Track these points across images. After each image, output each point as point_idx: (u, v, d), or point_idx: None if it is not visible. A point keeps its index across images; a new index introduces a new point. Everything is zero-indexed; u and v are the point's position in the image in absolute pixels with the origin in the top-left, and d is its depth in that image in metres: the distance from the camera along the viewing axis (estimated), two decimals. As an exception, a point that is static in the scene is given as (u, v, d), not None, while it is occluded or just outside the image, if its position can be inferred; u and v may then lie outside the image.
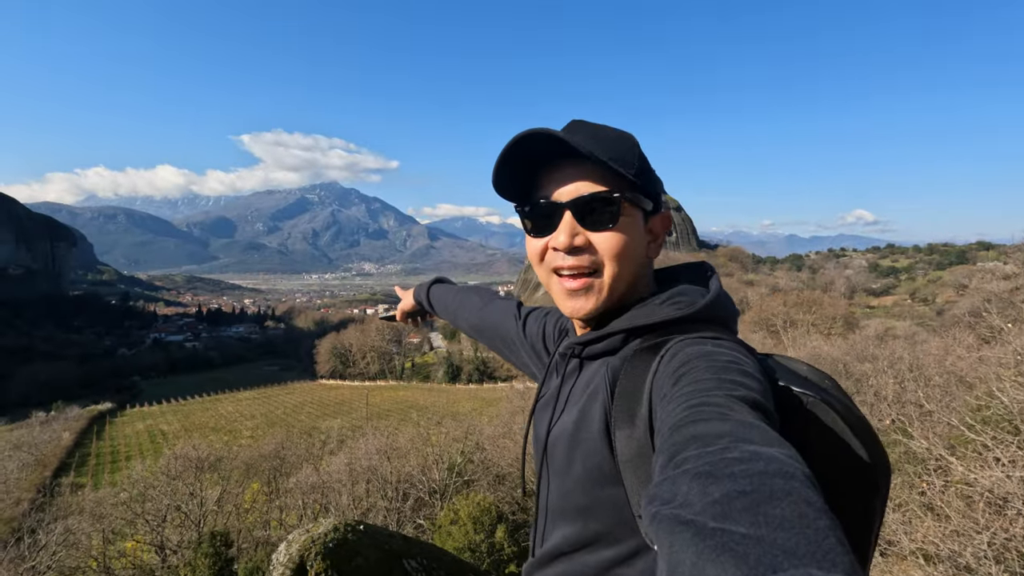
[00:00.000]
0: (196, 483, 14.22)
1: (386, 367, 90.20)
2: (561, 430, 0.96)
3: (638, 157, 0.94)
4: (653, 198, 0.96)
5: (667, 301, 0.93)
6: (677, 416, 0.63)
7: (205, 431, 50.18)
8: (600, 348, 0.96)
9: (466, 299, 1.65)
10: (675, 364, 0.77)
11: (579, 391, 0.98)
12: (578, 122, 0.96)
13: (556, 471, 0.97)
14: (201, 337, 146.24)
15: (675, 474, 0.52)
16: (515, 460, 15.44)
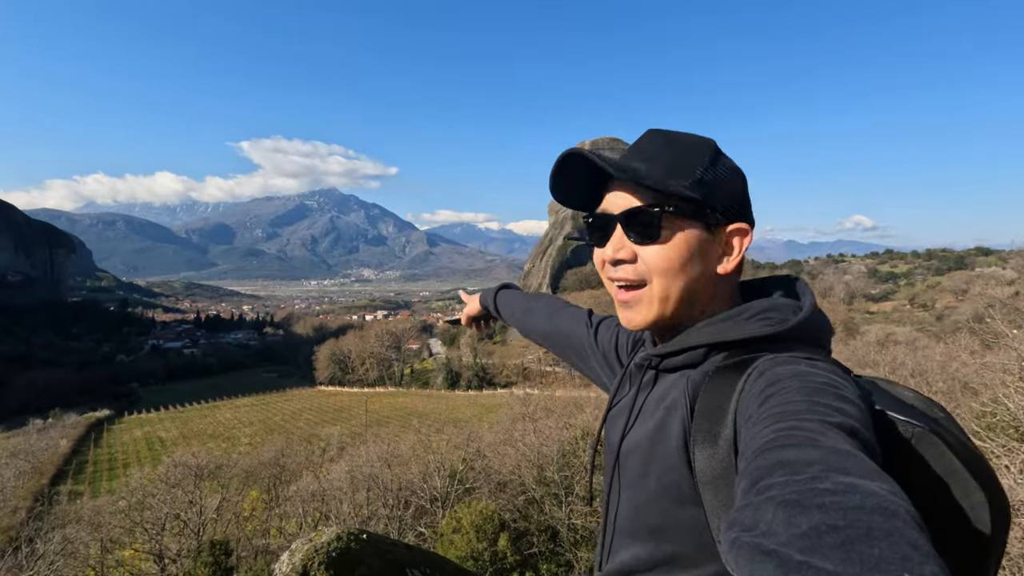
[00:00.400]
0: (195, 491, 14.13)
1: (385, 373, 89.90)
2: (635, 441, 0.93)
3: (702, 168, 0.89)
4: (721, 210, 0.90)
5: (756, 316, 0.87)
6: (763, 439, 0.60)
7: (203, 438, 50.01)
8: (679, 361, 0.92)
9: (535, 306, 1.63)
10: (763, 384, 0.73)
11: (654, 403, 0.94)
12: (651, 132, 0.95)
13: (628, 484, 0.93)
14: (199, 344, 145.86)
15: (758, 500, 0.49)
16: (515, 468, 15.35)
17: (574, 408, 20.63)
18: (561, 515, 12.74)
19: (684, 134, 0.94)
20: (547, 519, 12.90)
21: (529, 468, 14.48)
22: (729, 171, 0.92)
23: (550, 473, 13.71)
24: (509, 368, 78.56)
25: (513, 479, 14.57)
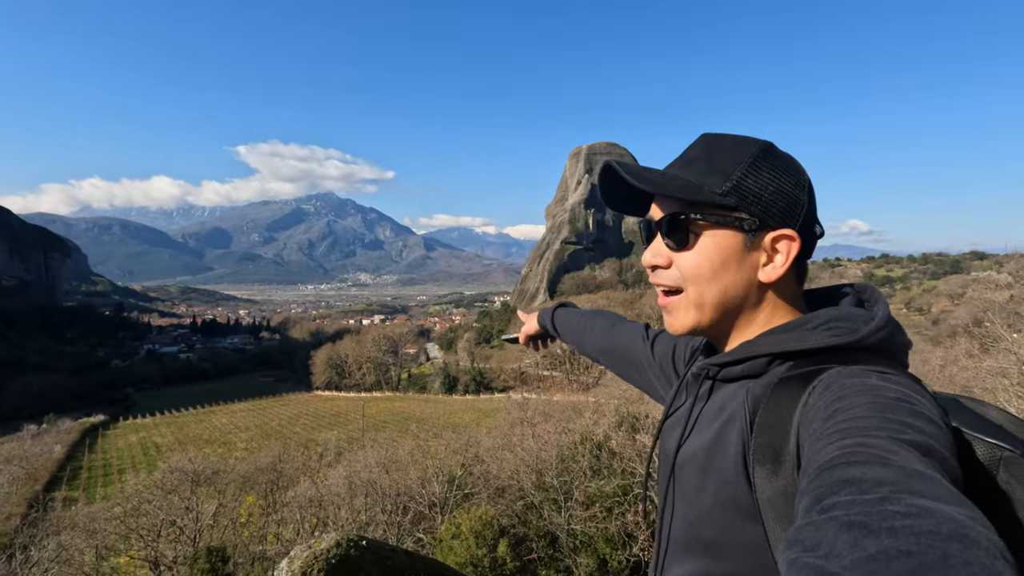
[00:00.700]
0: (192, 497, 14.04)
1: (382, 378, 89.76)
2: (691, 453, 0.90)
3: (741, 172, 0.86)
4: (758, 215, 0.85)
5: (822, 326, 0.82)
6: (828, 456, 0.56)
7: (199, 443, 49.69)
8: (738, 371, 0.88)
9: (592, 322, 1.61)
10: (830, 397, 0.68)
11: (712, 414, 0.90)
12: (702, 136, 0.94)
13: (683, 497, 0.89)
14: (195, 348, 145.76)
15: (821, 519, 0.46)
16: (514, 473, 15.30)
17: (573, 413, 20.60)
18: (560, 520, 12.68)
19: (731, 137, 0.91)
20: (546, 524, 12.85)
21: (528, 473, 14.42)
22: (776, 175, 0.86)
23: (549, 478, 13.65)
24: (506, 372, 78.53)
25: (512, 484, 14.51)
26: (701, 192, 0.86)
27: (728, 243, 0.87)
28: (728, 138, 0.91)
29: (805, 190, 0.87)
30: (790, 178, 0.87)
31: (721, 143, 0.90)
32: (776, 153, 0.89)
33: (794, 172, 0.87)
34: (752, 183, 0.85)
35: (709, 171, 0.87)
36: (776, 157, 0.88)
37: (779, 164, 0.87)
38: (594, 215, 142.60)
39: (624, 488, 13.17)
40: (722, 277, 0.88)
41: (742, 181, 0.85)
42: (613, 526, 12.19)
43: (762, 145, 0.89)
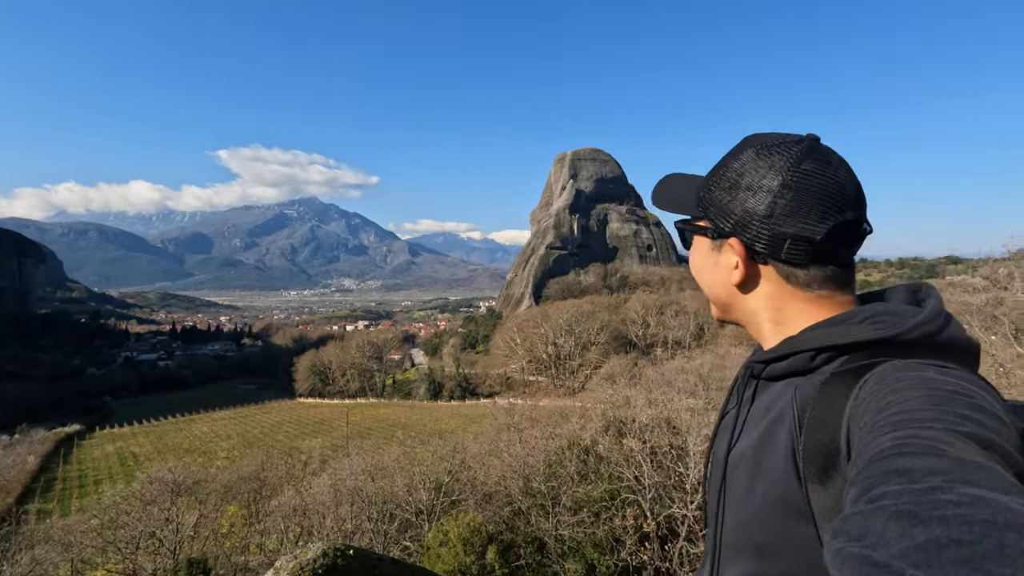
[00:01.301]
0: (172, 508, 13.73)
1: (366, 384, 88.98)
2: (740, 454, 0.90)
3: (712, 182, 0.95)
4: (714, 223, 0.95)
5: (868, 320, 0.81)
6: (879, 447, 0.55)
7: (178, 452, 48.87)
8: (783, 367, 0.88)
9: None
10: (883, 390, 0.67)
11: (760, 413, 0.91)
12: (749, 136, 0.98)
13: (733, 499, 0.90)
14: (175, 355, 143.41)
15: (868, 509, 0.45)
16: (501, 479, 15.24)
17: (559, 418, 20.60)
18: (548, 526, 12.64)
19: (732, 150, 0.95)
20: (534, 530, 12.79)
21: (515, 479, 14.37)
22: (729, 185, 0.92)
23: (536, 484, 13.61)
24: (492, 378, 78.26)
25: (499, 490, 14.44)
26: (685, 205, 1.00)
27: (702, 249, 1.00)
28: (731, 152, 0.95)
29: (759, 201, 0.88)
30: (740, 189, 0.90)
31: (726, 157, 0.96)
32: (738, 162, 0.92)
33: (748, 184, 0.89)
34: (710, 195, 0.94)
35: (701, 184, 0.98)
36: (736, 166, 0.92)
37: (735, 174, 0.91)
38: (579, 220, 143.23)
39: (611, 493, 13.17)
40: (705, 279, 1.01)
41: (707, 193, 0.95)
42: (601, 531, 12.18)
43: (730, 154, 0.94)
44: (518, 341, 76.68)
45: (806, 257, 0.87)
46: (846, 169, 0.87)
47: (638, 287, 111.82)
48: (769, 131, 0.95)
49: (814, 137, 0.91)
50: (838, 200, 0.85)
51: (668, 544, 12.67)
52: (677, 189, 1.06)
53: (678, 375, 25.64)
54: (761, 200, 0.88)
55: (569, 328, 71.89)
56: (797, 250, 0.86)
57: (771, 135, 0.93)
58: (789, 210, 0.86)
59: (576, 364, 70.50)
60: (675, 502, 12.63)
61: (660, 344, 72.09)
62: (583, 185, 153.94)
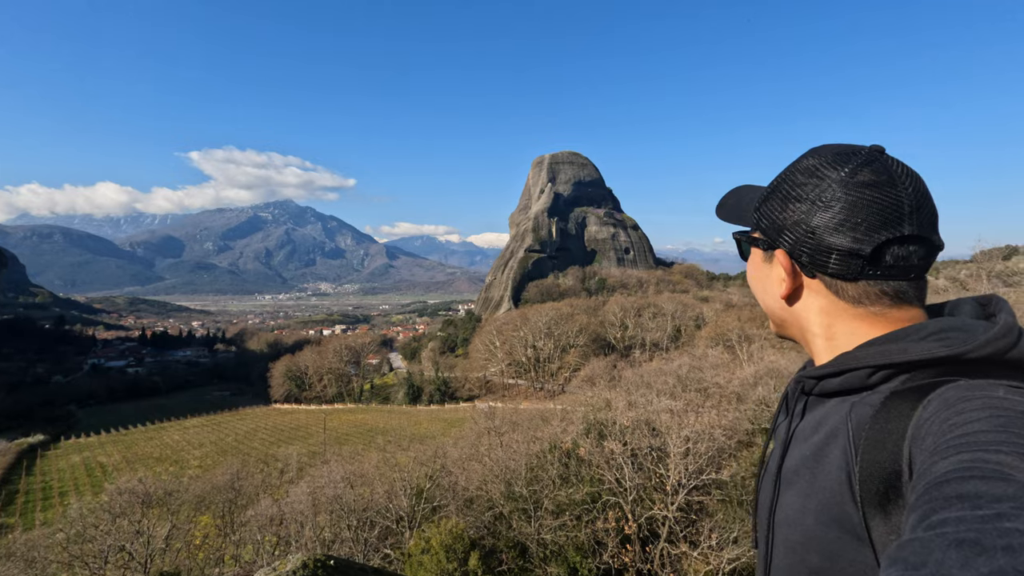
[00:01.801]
0: (142, 520, 13.33)
1: (344, 389, 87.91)
2: (793, 471, 0.87)
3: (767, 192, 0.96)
4: (767, 235, 0.94)
5: (932, 336, 0.77)
6: (941, 470, 0.53)
7: (149, 462, 47.63)
8: (836, 384, 0.84)
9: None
10: (947, 411, 0.64)
11: (809, 430, 0.87)
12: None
13: (784, 519, 0.86)
14: (145, 362, 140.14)
15: (927, 536, 0.43)
16: (482, 483, 15.14)
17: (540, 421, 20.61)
18: (530, 530, 12.61)
19: (794, 163, 0.94)
20: (516, 535, 12.74)
21: (496, 483, 14.31)
22: (781, 197, 0.92)
23: (518, 488, 13.57)
24: (471, 381, 78.00)
25: (480, 495, 14.35)
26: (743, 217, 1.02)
27: (756, 260, 1.00)
28: (792, 163, 0.94)
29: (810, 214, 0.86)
30: (793, 202, 0.89)
31: (786, 169, 0.95)
32: (794, 176, 0.91)
33: (800, 197, 0.88)
34: (769, 206, 0.94)
35: (759, 195, 0.98)
36: (791, 180, 0.91)
37: (788, 187, 0.91)
38: (557, 223, 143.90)
39: (593, 495, 13.20)
40: (760, 291, 1.00)
41: (761, 205, 0.96)
42: (583, 534, 12.19)
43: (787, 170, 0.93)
44: (497, 344, 76.57)
45: (855, 271, 0.83)
46: (910, 182, 0.83)
47: (616, 290, 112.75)
48: (835, 143, 0.92)
49: (877, 148, 0.87)
50: (892, 214, 0.81)
51: (649, 545, 12.74)
52: (739, 200, 1.06)
53: (657, 377, 25.90)
54: (809, 211, 0.86)
55: (548, 331, 72.10)
56: (844, 264, 0.83)
57: (834, 146, 0.90)
58: (837, 222, 0.83)
59: (555, 367, 70.71)
60: (656, 503, 12.72)
61: (638, 346, 72.79)
62: (561, 188, 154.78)
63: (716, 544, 11.41)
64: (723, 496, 12.96)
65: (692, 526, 12.74)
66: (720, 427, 14.72)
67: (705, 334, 54.62)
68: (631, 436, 13.95)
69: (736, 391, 20.97)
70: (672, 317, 74.99)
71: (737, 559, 11.12)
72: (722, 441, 14.29)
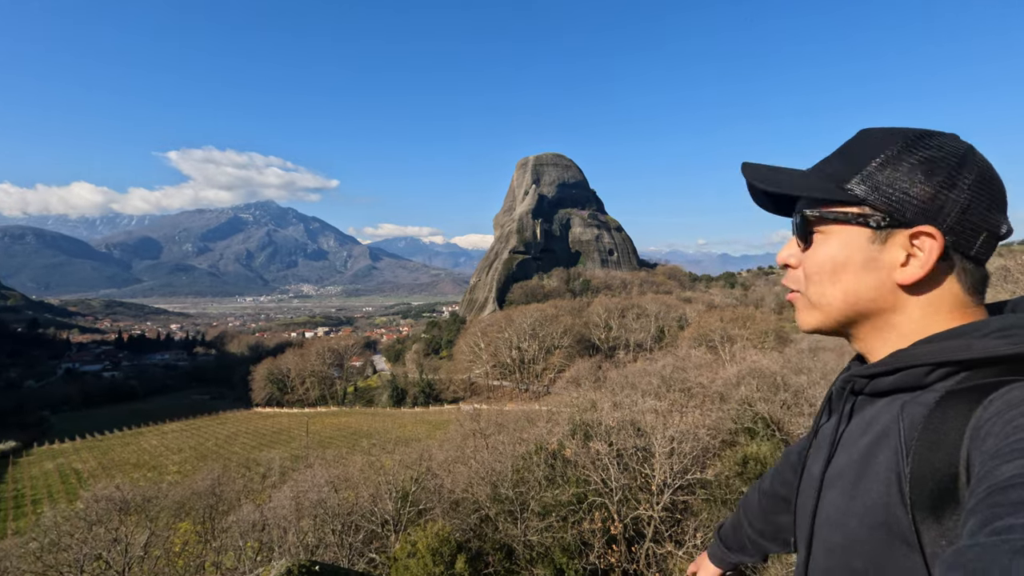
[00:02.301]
0: (120, 527, 13.02)
1: (327, 392, 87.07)
2: (838, 474, 0.82)
3: (878, 162, 0.80)
4: (887, 210, 0.78)
5: (996, 332, 0.72)
6: (1005, 474, 0.50)
7: (126, 468, 46.76)
8: (890, 383, 0.79)
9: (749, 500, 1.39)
10: (1012, 412, 0.61)
11: (859, 430, 0.82)
12: (861, 130, 0.88)
13: (826, 521, 0.81)
14: (121, 366, 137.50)
15: (990, 542, 0.41)
16: (468, 486, 15.09)
17: (526, 422, 20.60)
18: (516, 532, 12.59)
19: (884, 129, 0.84)
20: (502, 537, 12.72)
21: (482, 485, 14.27)
22: (917, 168, 0.78)
23: (504, 489, 13.55)
24: (456, 383, 77.81)
25: (466, 497, 14.30)
26: (819, 188, 0.83)
27: (852, 240, 0.82)
28: (880, 130, 0.84)
29: (960, 188, 0.77)
30: (938, 173, 0.78)
31: (871, 136, 0.84)
32: (929, 144, 0.80)
33: (947, 167, 0.78)
34: (885, 177, 0.79)
35: (843, 165, 0.83)
36: (926, 148, 0.79)
37: (926, 156, 0.79)
38: (541, 225, 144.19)
39: (579, 496, 13.23)
40: (843, 277, 0.83)
41: (874, 175, 0.80)
42: (569, 535, 12.20)
43: (910, 136, 0.81)
44: (482, 346, 76.48)
45: (989, 254, 0.79)
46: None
47: (600, 291, 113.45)
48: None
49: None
50: (1005, 196, 0.79)
51: (635, 546, 12.81)
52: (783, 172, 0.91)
53: (641, 377, 26.09)
54: (959, 187, 0.77)
55: (533, 332, 72.21)
56: (988, 245, 0.78)
57: (930, 130, 0.83)
58: (985, 203, 0.77)
59: (540, 368, 70.83)
60: (641, 503, 12.80)
61: (622, 347, 73.24)
62: (546, 190, 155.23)
63: (701, 543, 11.51)
64: (707, 495, 13.09)
65: (677, 525, 12.84)
66: (704, 427, 14.87)
67: (688, 334, 55.14)
68: (616, 436, 14.02)
69: (719, 391, 21.20)
70: (656, 318, 75.64)
71: (722, 557, 11.21)
72: (706, 440, 14.43)
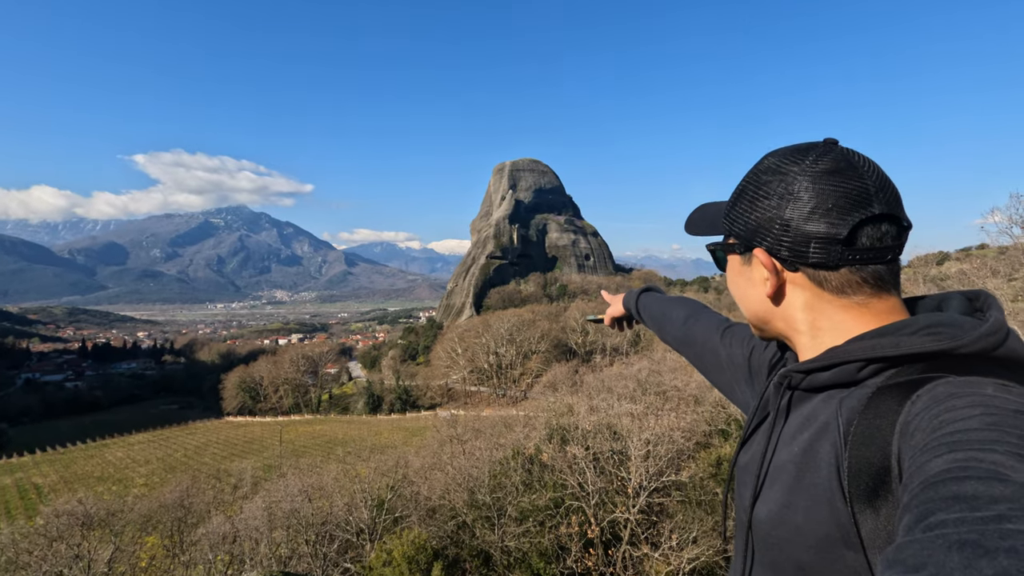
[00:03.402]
0: (83, 543, 12.57)
1: (301, 400, 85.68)
2: (779, 468, 0.84)
3: (734, 198, 0.95)
4: (740, 236, 0.93)
5: (924, 330, 0.76)
6: (935, 469, 0.52)
7: (89, 482, 45.17)
8: (826, 378, 0.83)
9: (672, 311, 1.57)
10: (937, 407, 0.63)
11: (797, 425, 0.85)
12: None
13: (769, 516, 0.83)
14: (85, 376, 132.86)
15: (926, 537, 0.42)
16: (445, 492, 14.99)
17: (503, 427, 20.57)
18: (494, 538, 12.55)
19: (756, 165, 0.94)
20: (479, 543, 12.66)
21: (459, 492, 14.20)
22: (755, 199, 0.90)
23: (481, 495, 13.50)
24: (433, 389, 77.30)
25: (443, 504, 14.20)
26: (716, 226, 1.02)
27: (734, 266, 0.99)
28: (752, 167, 0.94)
29: (782, 206, 0.85)
30: (768, 197, 0.87)
31: (747, 173, 0.95)
32: (767, 169, 0.89)
33: (775, 189, 0.87)
34: (738, 210, 0.93)
35: (729, 201, 0.98)
36: (765, 173, 0.89)
37: (763, 181, 0.89)
38: (518, 230, 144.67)
39: (556, 500, 13.26)
40: (741, 296, 0.99)
41: (731, 209, 0.95)
42: (547, 540, 12.22)
43: (751, 173, 0.93)
44: (459, 351, 76.19)
45: (835, 258, 0.82)
46: (870, 166, 0.84)
47: (577, 295, 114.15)
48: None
49: (831, 140, 0.88)
50: (860, 196, 0.81)
51: (612, 549, 12.88)
52: (705, 213, 1.10)
53: (617, 381, 26.31)
54: (780, 205, 0.86)
55: (510, 337, 72.25)
56: (824, 251, 0.82)
57: (788, 146, 0.92)
58: (809, 211, 0.83)
59: (518, 373, 70.88)
60: (618, 506, 12.89)
61: (599, 351, 73.75)
62: (522, 195, 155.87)
63: (676, 544, 11.63)
64: (683, 497, 13.24)
65: (653, 527, 12.96)
66: (679, 429, 15.06)
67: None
68: (593, 440, 14.10)
69: (694, 394, 21.51)
70: (631, 322, 76.38)
71: (697, 558, 11.36)
72: (681, 443, 14.62)
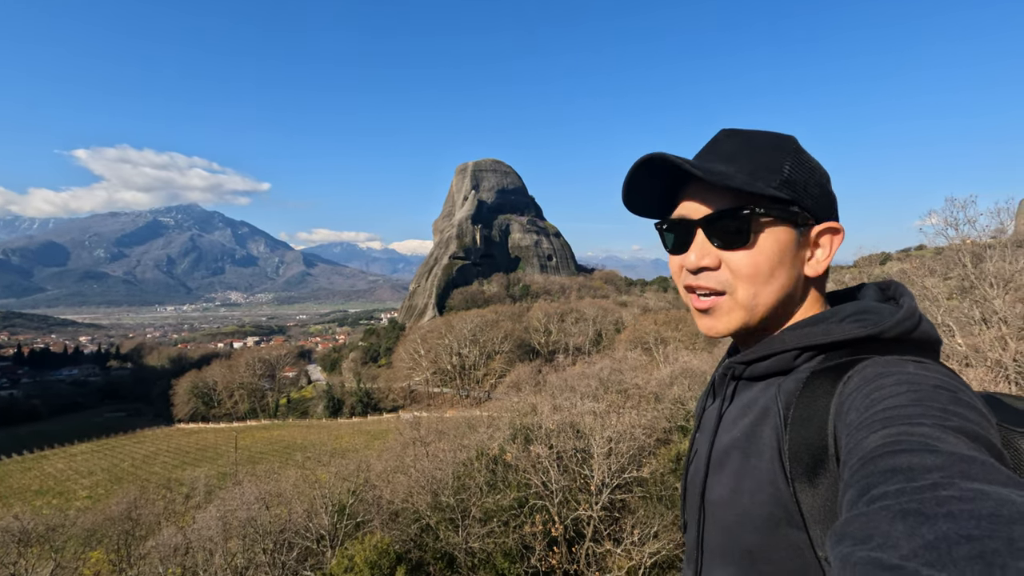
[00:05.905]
0: (19, 560, 11.84)
1: (258, 405, 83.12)
2: (724, 452, 0.87)
3: (789, 165, 0.86)
4: (809, 208, 0.86)
5: (850, 318, 0.82)
6: (871, 445, 0.55)
7: (26, 495, 42.63)
8: (764, 367, 0.87)
9: None
10: (867, 388, 0.67)
11: (739, 412, 0.89)
12: (726, 131, 0.93)
13: (718, 500, 0.86)
14: (21, 383, 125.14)
15: (870, 510, 0.44)
16: (408, 495, 14.84)
17: (467, 428, 20.49)
18: (458, 540, 12.49)
19: (762, 132, 0.91)
20: (443, 545, 12.58)
21: (423, 494, 14.07)
22: (813, 168, 0.89)
23: (445, 497, 13.42)
24: (395, 391, 76.30)
25: (406, 507, 14.05)
26: (762, 185, 0.84)
27: (783, 239, 0.86)
28: (760, 133, 0.91)
29: (827, 187, 0.90)
30: (821, 172, 0.90)
31: (757, 137, 0.90)
32: (803, 148, 0.91)
33: (821, 167, 0.91)
34: (800, 176, 0.87)
35: (759, 164, 0.86)
36: (806, 152, 0.91)
37: (811, 159, 0.90)
38: (481, 231, 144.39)
39: (520, 500, 13.31)
40: (777, 275, 0.86)
41: (793, 174, 0.86)
42: (511, 539, 12.25)
43: (794, 140, 0.91)
44: (422, 353, 75.52)
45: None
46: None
47: (540, 296, 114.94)
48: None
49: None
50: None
51: (575, 546, 13.02)
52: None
53: (580, 380, 26.61)
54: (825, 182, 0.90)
55: (473, 338, 72.07)
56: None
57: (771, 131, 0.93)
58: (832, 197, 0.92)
59: (481, 373, 70.76)
60: (581, 504, 13.03)
61: (562, 351, 74.44)
62: (485, 196, 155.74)
63: (638, 539, 11.85)
64: (644, 493, 13.51)
65: (615, 524, 13.16)
66: (640, 426, 15.35)
67: (624, 337, 56.85)
68: (556, 439, 14.22)
69: (654, 391, 21.98)
70: (593, 322, 77.46)
71: (658, 552, 11.61)
72: (642, 440, 14.91)
